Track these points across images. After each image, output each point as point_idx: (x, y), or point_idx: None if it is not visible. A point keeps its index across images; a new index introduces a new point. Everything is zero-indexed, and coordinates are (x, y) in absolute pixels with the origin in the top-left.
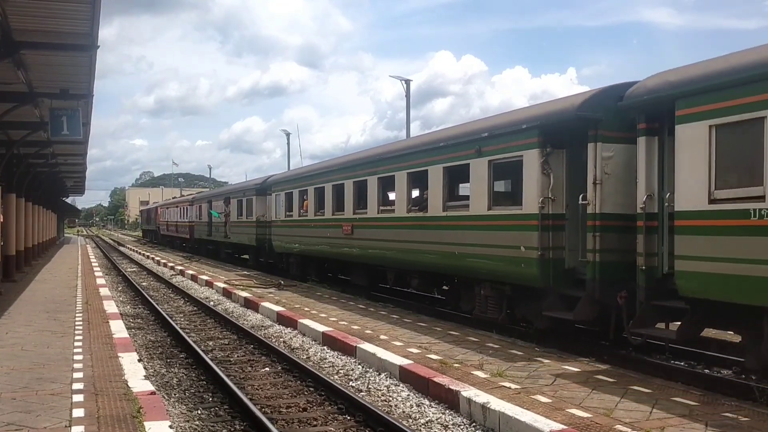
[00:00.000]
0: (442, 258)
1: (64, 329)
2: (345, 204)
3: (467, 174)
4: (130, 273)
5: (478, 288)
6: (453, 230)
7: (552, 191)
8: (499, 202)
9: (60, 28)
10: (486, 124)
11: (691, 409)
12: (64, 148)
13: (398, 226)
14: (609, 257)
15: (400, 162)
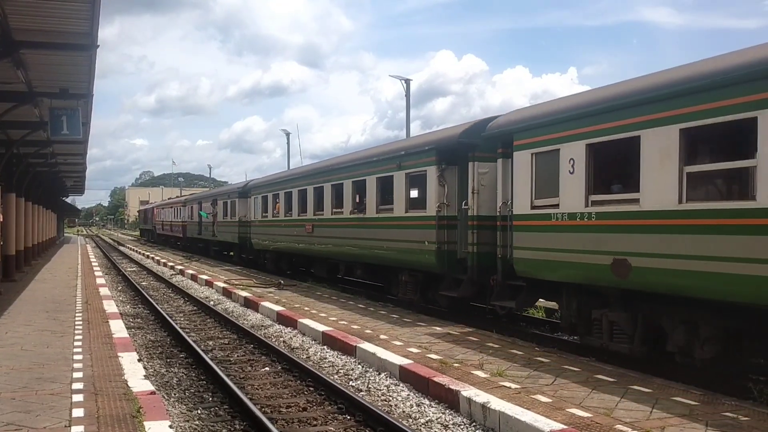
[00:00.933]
0: (376, 251)
1: (63, 329)
2: (307, 206)
3: (392, 183)
4: (129, 272)
5: (401, 275)
6: (383, 229)
7: (447, 198)
8: (413, 206)
9: (60, 28)
10: (404, 145)
11: (691, 408)
12: (64, 147)
13: (345, 226)
14: (483, 249)
15: (347, 172)
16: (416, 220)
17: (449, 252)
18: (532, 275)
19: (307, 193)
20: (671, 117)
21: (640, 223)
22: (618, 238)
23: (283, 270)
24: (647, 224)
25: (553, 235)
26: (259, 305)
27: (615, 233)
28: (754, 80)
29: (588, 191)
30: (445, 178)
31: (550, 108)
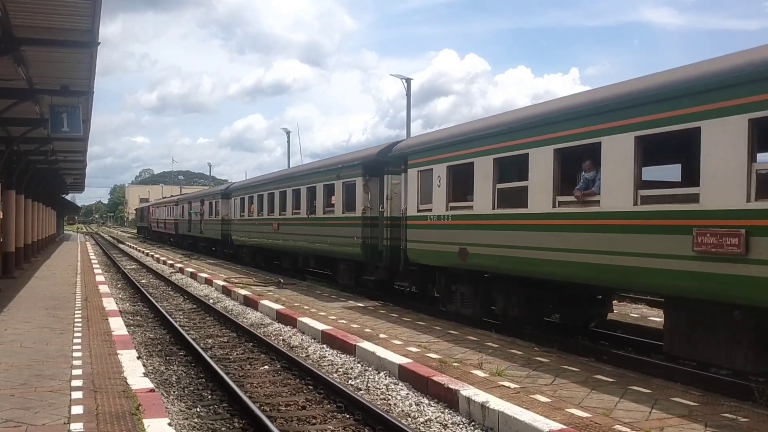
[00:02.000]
0: (323, 245)
1: (63, 326)
2: (274, 208)
3: (334, 190)
4: (129, 270)
5: (341, 264)
6: (327, 227)
7: (370, 203)
8: (346, 208)
9: (61, 25)
10: (341, 159)
11: (690, 409)
12: (64, 144)
13: (302, 224)
14: (394, 243)
15: (304, 179)
16: (349, 219)
17: (371, 245)
18: (419, 261)
19: (274, 197)
20: (490, 150)
21: (473, 223)
22: (462, 233)
23: (259, 263)
24: (477, 223)
25: (429, 231)
26: (259, 304)
27: (461, 230)
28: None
29: (448, 200)
30: (369, 187)
31: (427, 138)
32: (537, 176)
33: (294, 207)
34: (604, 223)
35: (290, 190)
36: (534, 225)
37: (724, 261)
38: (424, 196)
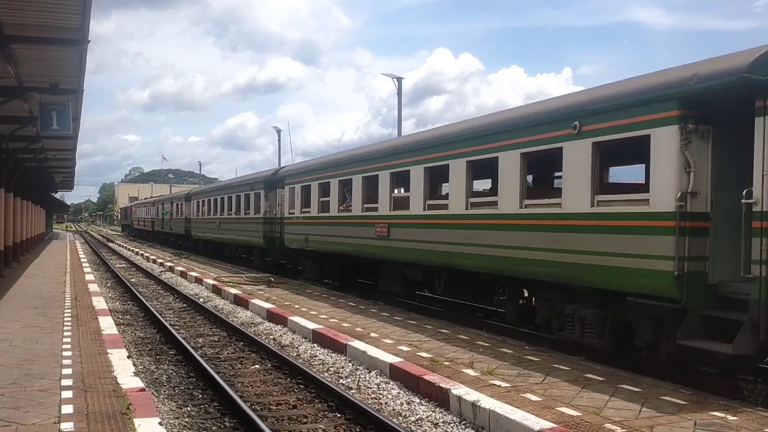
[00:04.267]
0: (243, 237)
1: (52, 325)
2: (222, 210)
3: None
4: (119, 269)
5: (255, 251)
6: (245, 224)
7: (269, 207)
8: (255, 211)
9: (51, 23)
10: (252, 177)
11: (680, 408)
12: (54, 143)
13: (233, 222)
14: (284, 236)
15: (234, 189)
16: (256, 219)
17: (272, 237)
18: (290, 246)
19: (218, 201)
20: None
21: (311, 222)
22: (306, 227)
23: (210, 253)
24: (313, 222)
25: (292, 227)
26: (249, 303)
27: (305, 226)
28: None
29: (300, 207)
30: (268, 197)
31: (292, 168)
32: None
33: (228, 210)
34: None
35: (227, 197)
36: (335, 223)
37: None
38: (290, 204)
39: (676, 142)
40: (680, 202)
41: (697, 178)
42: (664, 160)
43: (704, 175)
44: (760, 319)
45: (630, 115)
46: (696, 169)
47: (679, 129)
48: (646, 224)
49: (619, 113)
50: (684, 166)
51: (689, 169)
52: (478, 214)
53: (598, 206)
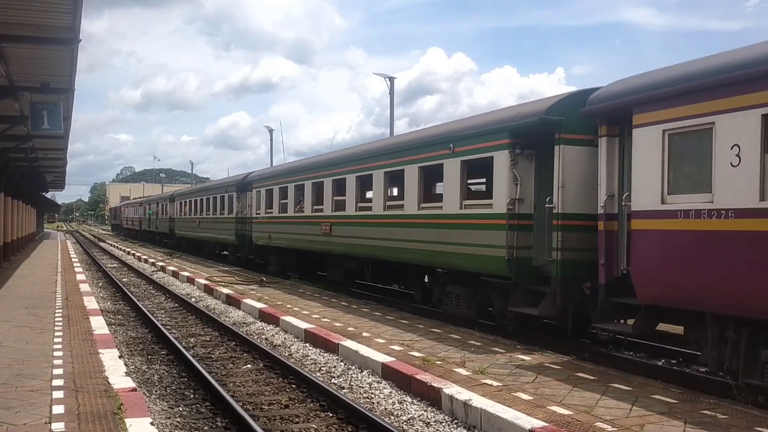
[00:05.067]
0: (216, 235)
1: (43, 325)
2: (199, 210)
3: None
4: (110, 269)
5: (229, 248)
6: (219, 223)
7: (241, 208)
8: (229, 212)
9: (42, 21)
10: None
11: (670, 406)
12: (45, 142)
13: (209, 221)
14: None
15: (211, 192)
16: (229, 219)
17: (243, 235)
18: (257, 243)
19: (202, 202)
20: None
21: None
22: (269, 226)
23: (191, 250)
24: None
25: (259, 225)
26: (241, 302)
27: (269, 225)
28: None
29: (265, 208)
30: (240, 199)
31: (258, 174)
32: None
33: (207, 210)
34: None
35: (205, 198)
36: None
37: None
38: (257, 205)
39: (508, 162)
40: (510, 206)
41: (523, 188)
42: (501, 174)
43: (529, 186)
44: (557, 289)
45: (482, 141)
46: (522, 181)
47: (509, 152)
48: (491, 222)
49: (476, 139)
50: (513, 180)
51: (517, 182)
52: (392, 214)
53: (464, 208)
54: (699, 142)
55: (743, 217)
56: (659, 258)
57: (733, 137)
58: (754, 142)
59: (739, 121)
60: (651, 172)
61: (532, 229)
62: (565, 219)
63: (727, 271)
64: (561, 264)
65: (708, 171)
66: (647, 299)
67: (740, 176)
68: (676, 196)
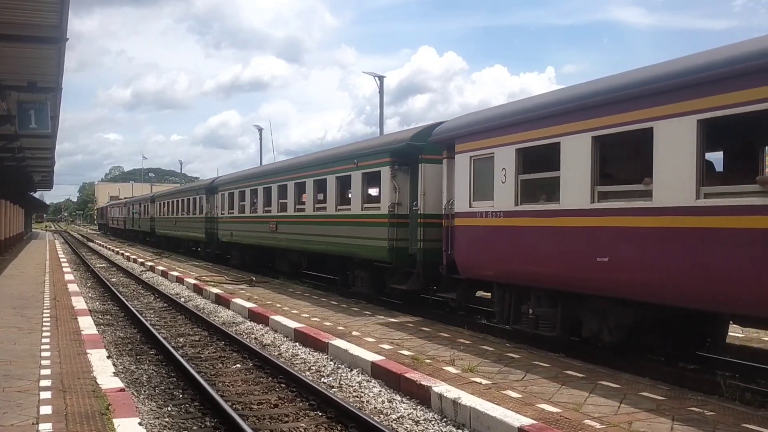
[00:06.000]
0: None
1: (31, 325)
2: (174, 210)
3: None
4: (99, 269)
5: (201, 245)
6: (192, 222)
7: (209, 208)
8: (200, 212)
9: (28, 20)
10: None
11: (658, 403)
12: (32, 141)
13: (185, 221)
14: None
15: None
16: (200, 218)
17: (211, 233)
18: (221, 240)
19: (178, 203)
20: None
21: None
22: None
23: (170, 247)
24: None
25: (224, 224)
26: (231, 302)
27: (232, 224)
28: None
29: (228, 209)
30: (209, 200)
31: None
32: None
33: (182, 211)
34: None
35: (181, 200)
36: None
37: None
38: (222, 206)
39: (389, 175)
40: (391, 208)
41: (401, 195)
42: (385, 184)
43: (405, 193)
44: (420, 270)
45: (374, 158)
46: (400, 190)
47: (390, 168)
48: (379, 221)
49: (371, 157)
50: (394, 188)
51: (396, 190)
52: (319, 214)
53: (364, 210)
54: (487, 166)
55: (507, 216)
56: (468, 245)
57: (503, 163)
58: (513, 167)
59: (504, 152)
60: (464, 185)
61: (407, 226)
62: (425, 218)
63: (500, 252)
64: (423, 252)
65: (491, 185)
66: (465, 274)
67: (506, 189)
68: (477, 202)
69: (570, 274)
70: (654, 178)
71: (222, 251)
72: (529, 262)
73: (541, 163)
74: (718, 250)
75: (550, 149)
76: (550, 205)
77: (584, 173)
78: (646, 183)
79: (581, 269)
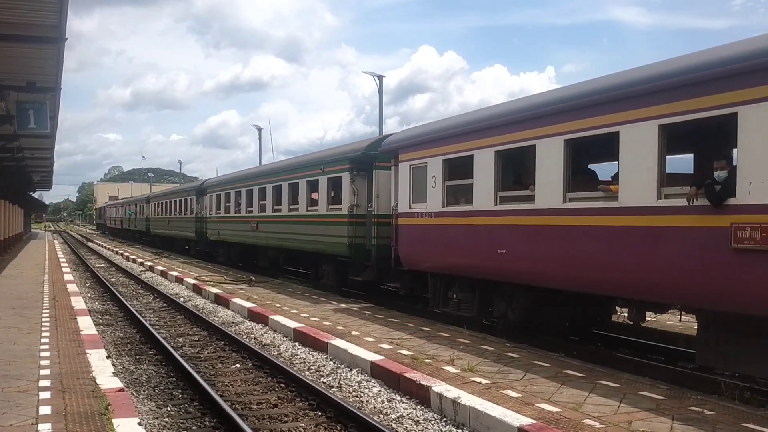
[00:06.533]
0: (182, 232)
1: (30, 326)
2: (169, 210)
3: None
4: (98, 269)
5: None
6: (181, 222)
7: (199, 209)
8: (188, 212)
9: (27, 20)
10: (184, 187)
11: (657, 403)
12: (31, 142)
13: (176, 220)
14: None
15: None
16: (191, 218)
17: (201, 232)
18: (211, 239)
19: (171, 203)
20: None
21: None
22: (218, 225)
23: (164, 245)
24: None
25: (211, 224)
26: (230, 302)
27: (217, 223)
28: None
29: (216, 210)
30: (198, 201)
31: (211, 181)
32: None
33: (175, 211)
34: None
35: (173, 201)
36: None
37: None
38: (210, 207)
39: (349, 180)
40: (350, 209)
41: (359, 197)
42: (345, 188)
43: (363, 196)
44: (374, 264)
45: (337, 165)
46: (358, 193)
47: (350, 173)
48: (341, 220)
49: (334, 164)
50: (353, 192)
51: (355, 193)
52: (292, 215)
53: (329, 211)
54: (422, 173)
55: (437, 216)
56: (409, 241)
57: (433, 171)
58: (441, 174)
59: (434, 162)
60: (405, 189)
61: (365, 225)
62: (378, 218)
63: (432, 247)
64: (376, 247)
65: (425, 190)
66: (407, 266)
67: (436, 193)
68: (415, 204)
69: (480, 265)
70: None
71: (210, 249)
72: (453, 255)
73: (462, 172)
74: (580, 242)
75: (467, 160)
76: (466, 206)
77: (489, 181)
78: (531, 189)
79: (488, 260)
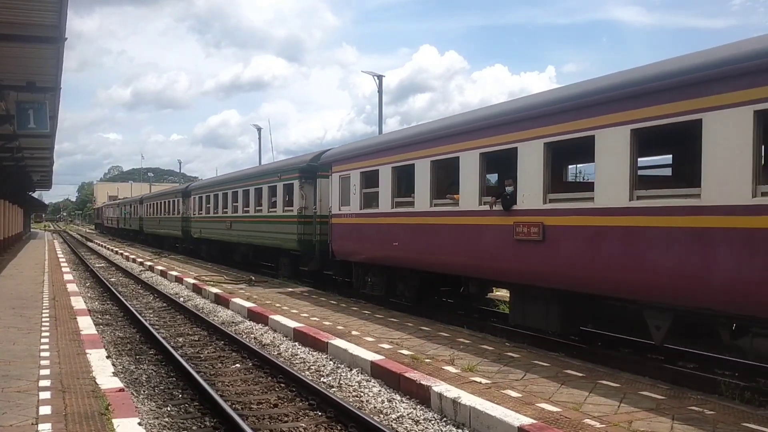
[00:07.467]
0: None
1: (30, 326)
2: (159, 211)
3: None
4: (98, 269)
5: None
6: (173, 221)
7: (185, 210)
8: (176, 212)
9: (27, 20)
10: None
11: (658, 402)
12: (31, 141)
13: (167, 219)
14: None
15: (168, 196)
16: (177, 218)
17: (186, 230)
18: (194, 237)
19: (161, 204)
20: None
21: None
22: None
23: (158, 244)
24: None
25: (196, 223)
26: (230, 302)
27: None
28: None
29: (198, 210)
30: (184, 203)
31: (194, 185)
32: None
33: (164, 211)
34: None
35: (163, 201)
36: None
37: None
38: (194, 208)
39: (299, 186)
40: (299, 211)
41: (307, 201)
42: (296, 193)
43: (310, 199)
44: (317, 256)
45: (289, 173)
46: (306, 197)
47: (299, 181)
48: (292, 220)
49: (287, 173)
50: (302, 196)
51: (304, 197)
52: (257, 215)
53: (284, 212)
54: (347, 182)
55: (356, 217)
56: (339, 237)
57: (354, 181)
58: (359, 183)
59: (355, 174)
60: (336, 195)
61: (311, 224)
62: (321, 218)
63: (354, 241)
64: (319, 242)
65: (349, 195)
66: (339, 257)
67: (356, 198)
68: (342, 207)
69: (385, 254)
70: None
71: (195, 246)
72: (368, 248)
73: (373, 182)
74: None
75: (375, 173)
76: (375, 209)
77: (388, 189)
78: (411, 196)
79: (389, 251)
